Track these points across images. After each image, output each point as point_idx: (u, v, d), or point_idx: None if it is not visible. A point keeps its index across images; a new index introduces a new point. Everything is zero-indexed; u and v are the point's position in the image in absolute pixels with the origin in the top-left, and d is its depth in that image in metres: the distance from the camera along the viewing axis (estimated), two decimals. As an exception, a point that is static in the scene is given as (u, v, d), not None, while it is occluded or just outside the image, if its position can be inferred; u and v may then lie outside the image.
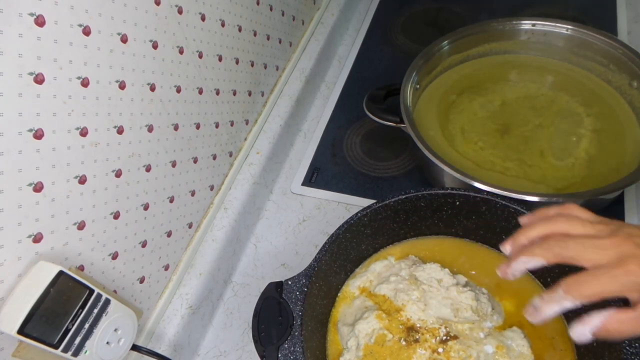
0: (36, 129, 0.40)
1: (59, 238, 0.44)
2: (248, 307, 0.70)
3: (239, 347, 0.66)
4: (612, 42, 0.73)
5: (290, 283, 0.54)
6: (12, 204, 0.39)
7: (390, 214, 0.60)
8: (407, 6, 1.06)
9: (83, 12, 0.43)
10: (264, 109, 0.81)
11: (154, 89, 0.54)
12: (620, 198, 0.70)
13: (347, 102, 0.91)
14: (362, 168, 0.81)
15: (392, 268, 0.61)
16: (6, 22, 0.37)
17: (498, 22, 0.80)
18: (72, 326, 0.43)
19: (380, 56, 0.98)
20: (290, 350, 0.50)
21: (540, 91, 0.78)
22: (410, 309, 0.56)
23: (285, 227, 0.77)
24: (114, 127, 0.49)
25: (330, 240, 0.56)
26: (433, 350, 0.53)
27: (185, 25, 0.57)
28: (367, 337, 0.55)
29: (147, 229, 0.56)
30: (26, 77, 0.39)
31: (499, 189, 0.59)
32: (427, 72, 0.79)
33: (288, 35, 0.86)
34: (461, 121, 0.76)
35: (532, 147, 0.71)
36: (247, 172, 0.75)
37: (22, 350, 0.42)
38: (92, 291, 0.46)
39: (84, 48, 0.44)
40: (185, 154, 0.61)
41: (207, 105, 0.64)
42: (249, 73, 0.74)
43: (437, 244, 0.64)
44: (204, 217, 0.69)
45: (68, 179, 0.44)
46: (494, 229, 0.60)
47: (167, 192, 0.59)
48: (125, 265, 0.54)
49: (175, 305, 0.64)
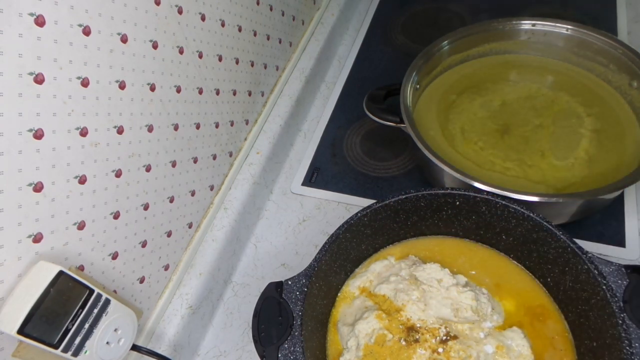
0: (36, 129, 0.40)
1: (59, 238, 0.44)
2: (248, 307, 0.70)
3: (239, 347, 0.66)
4: (612, 42, 0.73)
5: (290, 283, 0.54)
6: (12, 204, 0.39)
7: (390, 214, 0.60)
8: (407, 6, 1.06)
9: (83, 12, 0.43)
10: (264, 109, 0.81)
11: (154, 89, 0.54)
12: (620, 198, 0.70)
13: (347, 102, 0.91)
14: (362, 168, 0.81)
15: (392, 268, 0.61)
16: (6, 22, 0.37)
17: (498, 22, 0.80)
18: (72, 326, 0.43)
19: (380, 56, 0.98)
20: (290, 350, 0.50)
21: (540, 91, 0.78)
22: (410, 309, 0.56)
23: (285, 227, 0.77)
24: (114, 127, 0.49)
25: (330, 240, 0.56)
26: (433, 350, 0.53)
27: (185, 25, 0.57)
28: (367, 337, 0.55)
29: (147, 229, 0.56)
30: (26, 77, 0.39)
31: (499, 189, 0.59)
32: (427, 72, 0.79)
33: (288, 35, 0.86)
34: (461, 121, 0.76)
35: (532, 147, 0.71)
36: (247, 172, 0.75)
37: (22, 350, 0.42)
38: (92, 291, 0.46)
39: (84, 48, 0.44)
40: (185, 154, 0.61)
41: (207, 105, 0.64)
42: (249, 73, 0.74)
43: (437, 244, 0.64)
44: (204, 217, 0.69)
45: (68, 179, 0.44)
46: (494, 229, 0.60)
47: (167, 192, 0.59)
48: (125, 265, 0.54)
49: (175, 305, 0.64)
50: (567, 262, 0.53)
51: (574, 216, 0.65)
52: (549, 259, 0.55)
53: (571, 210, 0.64)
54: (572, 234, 0.53)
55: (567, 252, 0.53)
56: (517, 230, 0.57)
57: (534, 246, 0.57)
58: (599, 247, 0.66)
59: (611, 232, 0.67)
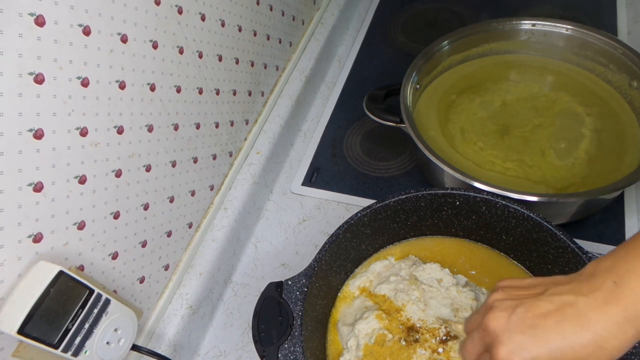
0: (36, 129, 0.40)
1: (59, 238, 0.44)
2: (248, 307, 0.70)
3: (239, 347, 0.66)
4: (612, 42, 0.73)
5: (290, 283, 0.54)
6: (12, 204, 0.39)
7: (390, 214, 0.60)
8: (407, 6, 1.06)
9: (83, 12, 0.43)
10: (264, 109, 0.81)
11: (154, 89, 0.54)
12: (620, 198, 0.70)
13: (347, 102, 0.91)
14: (362, 168, 0.81)
15: (392, 268, 0.61)
16: (6, 22, 0.37)
17: (498, 22, 0.80)
18: (72, 326, 0.43)
19: (380, 56, 0.98)
20: (290, 350, 0.50)
21: (540, 91, 0.78)
22: (410, 309, 0.56)
23: (285, 227, 0.77)
24: (114, 127, 0.49)
25: (330, 240, 0.56)
26: (433, 350, 0.53)
27: (185, 25, 0.57)
28: (367, 337, 0.55)
29: (147, 229, 0.56)
30: (26, 77, 0.39)
31: (499, 189, 0.59)
32: (427, 72, 0.79)
33: (288, 35, 0.86)
34: (461, 121, 0.76)
35: (532, 147, 0.71)
36: (247, 172, 0.75)
37: (22, 350, 0.42)
38: (92, 291, 0.46)
39: (84, 48, 0.44)
40: (185, 154, 0.61)
41: (207, 105, 0.64)
42: (249, 73, 0.74)
43: (437, 244, 0.64)
44: (204, 217, 0.69)
45: (68, 179, 0.44)
46: (494, 229, 0.60)
47: (167, 192, 0.59)
48: (125, 265, 0.54)
49: (175, 305, 0.64)
50: (567, 262, 0.53)
51: (574, 216, 0.65)
52: (549, 259, 0.55)
53: (571, 210, 0.64)
54: (572, 234, 0.53)
55: (567, 252, 0.53)
56: (517, 230, 0.57)
57: (534, 246, 0.57)
58: (599, 247, 0.66)
59: (611, 232, 0.67)
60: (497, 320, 0.35)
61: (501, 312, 0.35)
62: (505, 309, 0.35)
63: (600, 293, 0.33)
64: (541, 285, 0.37)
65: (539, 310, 0.34)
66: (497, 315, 0.35)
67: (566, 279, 0.36)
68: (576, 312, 0.33)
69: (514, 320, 0.35)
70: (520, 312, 0.35)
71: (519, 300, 0.36)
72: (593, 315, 0.32)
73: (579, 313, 0.33)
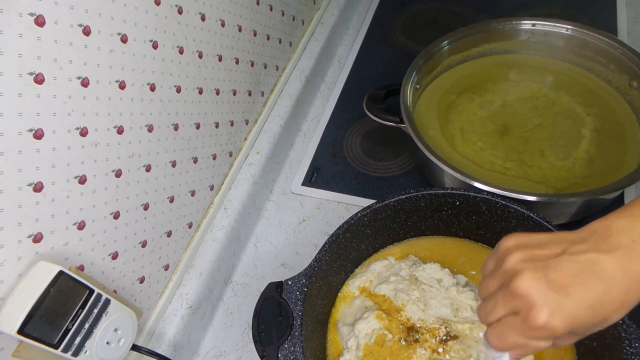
0: (36, 129, 0.40)
1: (59, 238, 0.44)
2: (248, 307, 0.70)
3: (239, 347, 0.66)
4: (612, 42, 0.73)
5: (290, 283, 0.54)
6: (12, 204, 0.39)
7: (390, 214, 0.60)
8: (407, 6, 1.06)
9: (83, 12, 0.43)
10: (264, 109, 0.81)
11: (154, 89, 0.54)
12: (620, 198, 0.70)
13: (347, 102, 0.91)
14: (362, 168, 0.81)
15: (392, 268, 0.61)
16: (6, 22, 0.37)
17: (498, 22, 0.80)
18: (72, 326, 0.43)
19: (380, 56, 0.98)
20: (290, 350, 0.50)
21: (540, 91, 0.78)
22: (410, 309, 0.56)
23: (285, 227, 0.77)
24: (114, 127, 0.49)
25: (330, 240, 0.56)
26: (433, 350, 0.53)
27: (185, 25, 0.57)
28: (367, 337, 0.55)
29: (147, 229, 0.56)
30: (26, 77, 0.39)
31: (499, 189, 0.59)
32: (427, 72, 0.79)
33: (288, 35, 0.86)
34: (461, 121, 0.76)
35: (532, 147, 0.71)
36: (247, 172, 0.75)
37: (22, 350, 0.42)
38: (92, 291, 0.46)
39: (84, 48, 0.44)
40: (185, 154, 0.61)
41: (207, 105, 0.64)
42: (249, 73, 0.74)
43: (437, 244, 0.64)
44: (204, 217, 0.69)
45: (68, 179, 0.44)
46: (494, 229, 0.60)
47: (167, 192, 0.59)
48: (125, 265, 0.54)
49: (175, 305, 0.64)
50: (567, 262, 0.53)
51: (574, 216, 0.65)
52: (549, 259, 0.55)
53: (571, 210, 0.64)
54: (572, 234, 0.53)
55: (567, 252, 0.53)
56: (517, 231, 0.57)
57: (534, 246, 0.57)
58: (599, 247, 0.66)
59: (611, 232, 0.67)
60: (529, 283, 0.35)
61: (530, 275, 0.35)
62: (534, 271, 0.35)
63: (621, 252, 0.34)
64: (555, 242, 0.37)
65: (568, 271, 0.34)
66: (526, 278, 0.35)
67: (579, 237, 0.36)
68: (601, 270, 0.34)
69: (546, 282, 0.34)
70: (551, 273, 0.35)
71: (543, 262, 0.35)
72: (618, 272, 0.33)
73: (604, 271, 0.34)
